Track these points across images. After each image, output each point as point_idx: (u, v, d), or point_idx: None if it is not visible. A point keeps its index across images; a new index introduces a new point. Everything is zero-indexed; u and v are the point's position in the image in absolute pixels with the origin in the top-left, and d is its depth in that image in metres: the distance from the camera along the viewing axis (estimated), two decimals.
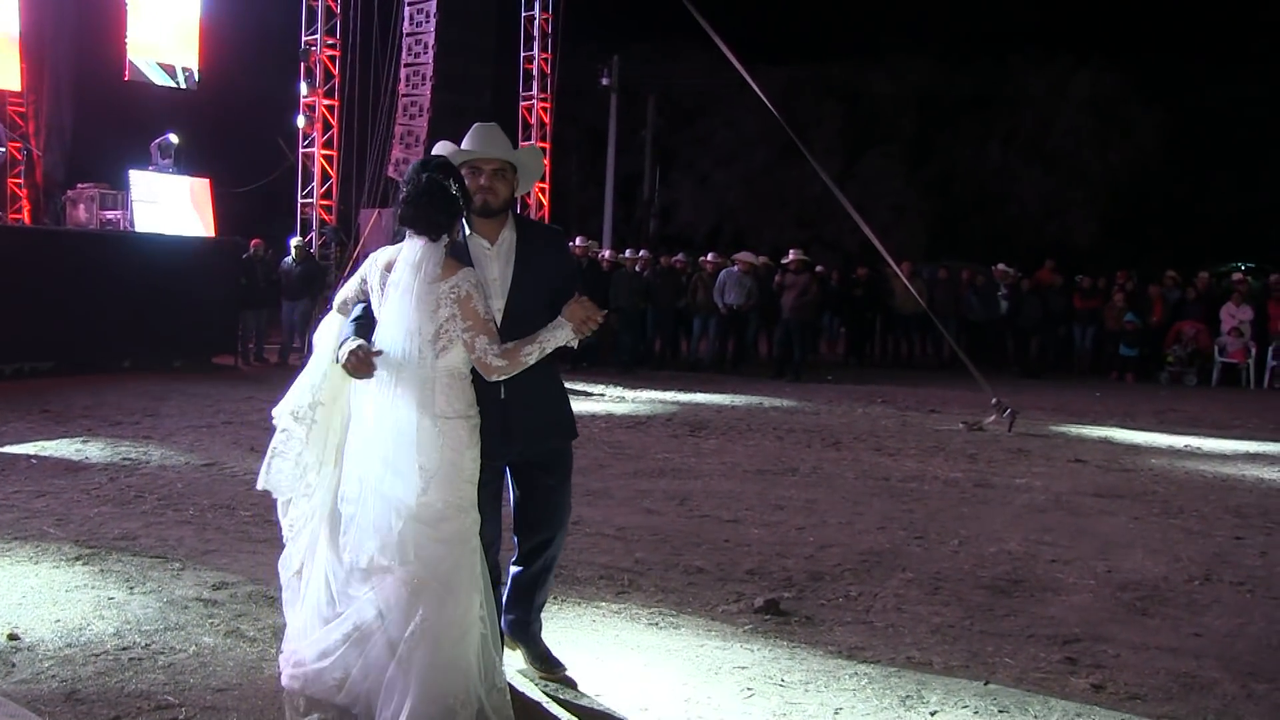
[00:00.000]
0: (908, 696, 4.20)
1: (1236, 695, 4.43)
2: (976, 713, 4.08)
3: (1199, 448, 11.08)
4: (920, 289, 16.81)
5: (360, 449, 3.65)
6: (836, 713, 4.02)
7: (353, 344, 3.62)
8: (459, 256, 3.77)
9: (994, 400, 12.06)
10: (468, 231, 3.91)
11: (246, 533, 6.35)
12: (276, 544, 6.04)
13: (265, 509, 6.84)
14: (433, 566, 3.54)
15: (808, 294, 17.04)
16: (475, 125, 4.06)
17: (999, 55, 30.97)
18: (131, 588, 5.18)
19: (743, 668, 4.41)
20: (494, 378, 3.69)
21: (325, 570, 3.70)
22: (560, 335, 3.70)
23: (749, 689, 4.20)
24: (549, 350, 3.72)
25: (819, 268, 19.81)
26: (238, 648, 4.45)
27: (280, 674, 3.74)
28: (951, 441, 10.94)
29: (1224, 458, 10.56)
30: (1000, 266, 19.67)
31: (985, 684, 4.38)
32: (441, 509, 3.56)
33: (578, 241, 18.85)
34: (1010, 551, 6.57)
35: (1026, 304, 19.22)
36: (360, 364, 3.58)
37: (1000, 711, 4.11)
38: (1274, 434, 12.18)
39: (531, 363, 3.70)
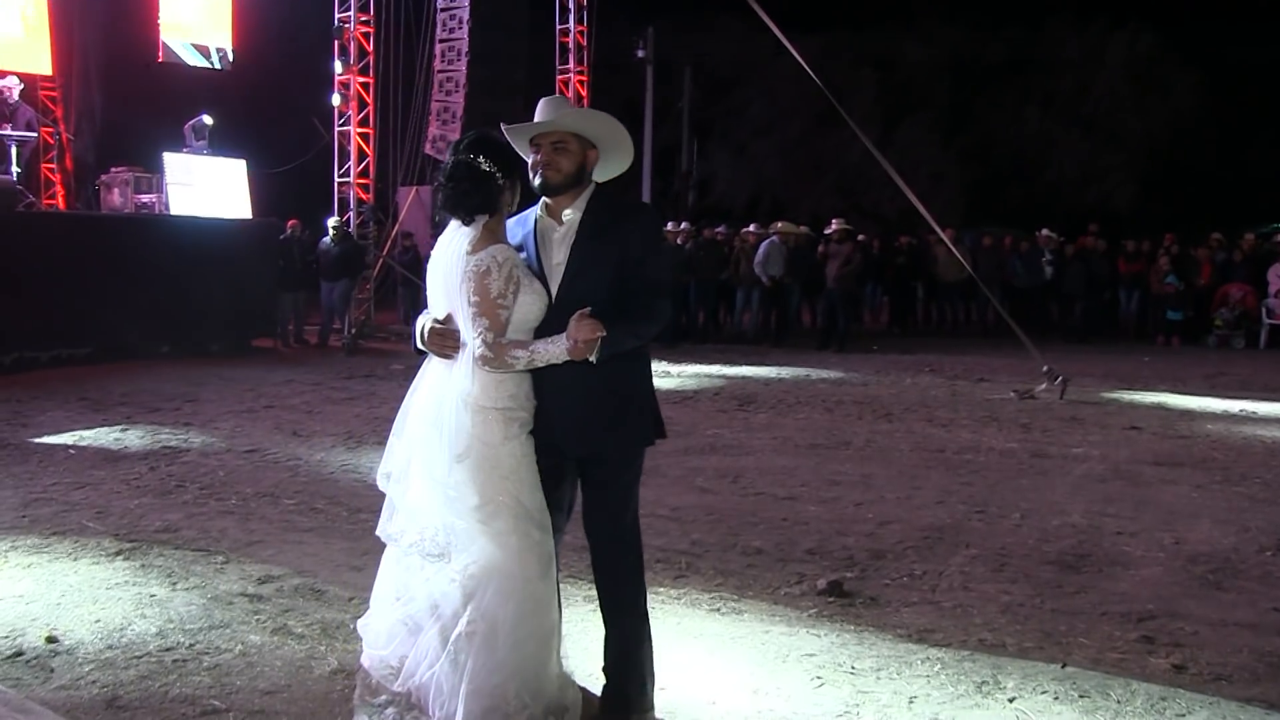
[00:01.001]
0: (984, 682, 4.04)
1: None
2: (1056, 698, 3.92)
3: (1254, 412, 10.83)
4: (964, 256, 16.53)
5: (409, 428, 3.56)
6: (911, 701, 3.87)
7: (423, 319, 3.55)
8: (526, 239, 3.59)
9: (1045, 368, 11.83)
10: (539, 212, 3.64)
11: (291, 522, 6.24)
12: (322, 533, 6.03)
13: (310, 497, 6.79)
14: (485, 564, 3.37)
15: (851, 263, 16.81)
16: (541, 99, 3.75)
17: (1034, 19, 30.38)
18: (174, 584, 5.05)
19: (810, 655, 4.26)
20: (483, 368, 3.43)
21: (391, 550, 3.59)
22: (554, 351, 3.36)
23: (819, 677, 4.05)
24: (540, 363, 3.39)
25: (860, 236, 19.54)
26: (285, 646, 4.30)
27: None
28: (1003, 410, 10.73)
29: (1279, 422, 10.31)
30: (1044, 232, 19.32)
31: (1063, 666, 4.21)
32: (478, 502, 3.39)
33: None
34: (1074, 524, 6.39)
35: (1071, 269, 18.89)
36: (437, 338, 3.46)
37: (1081, 696, 3.94)
38: None
39: (520, 368, 3.42)
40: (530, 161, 3.58)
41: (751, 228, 18.81)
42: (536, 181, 3.56)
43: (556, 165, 3.55)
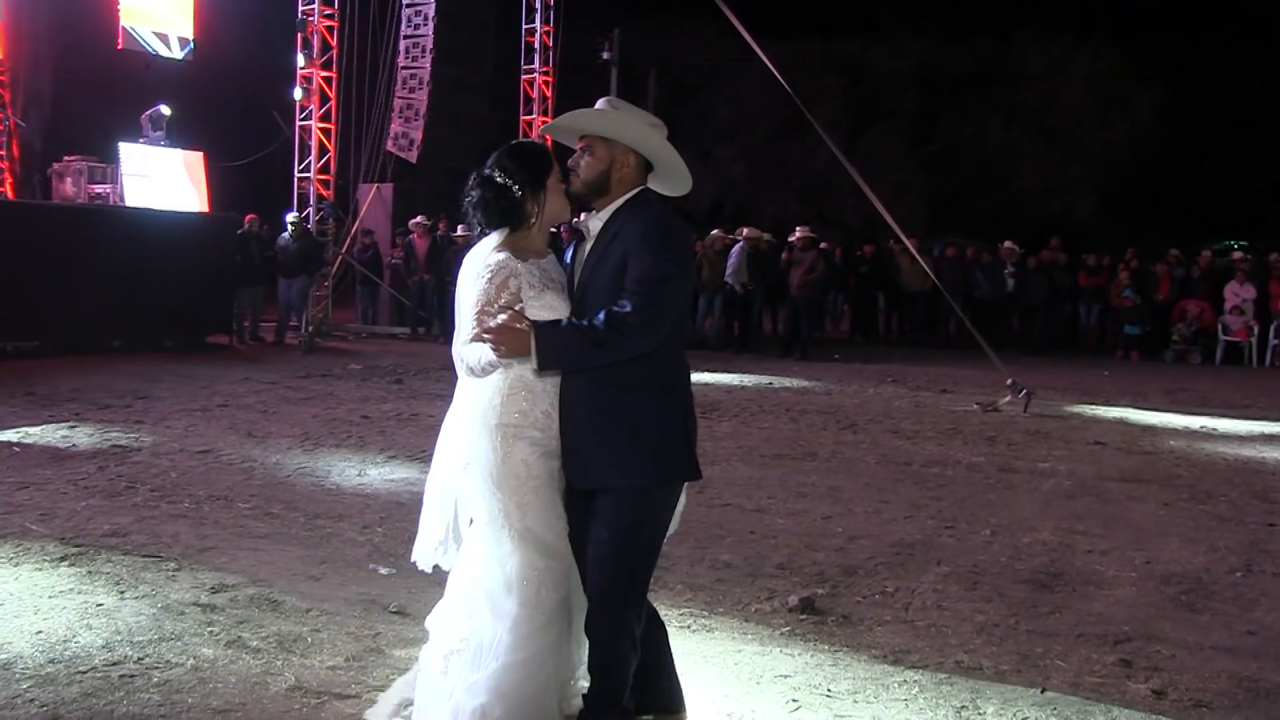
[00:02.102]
0: (963, 707, 3.93)
1: None
2: None
3: (1215, 429, 10.89)
4: (928, 266, 16.53)
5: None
6: None
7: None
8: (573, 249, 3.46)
9: (1009, 381, 11.82)
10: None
11: (246, 528, 6.02)
12: (278, 540, 5.82)
13: (265, 501, 6.58)
14: (484, 584, 3.28)
15: (814, 271, 16.78)
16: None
17: (1000, 32, 30.63)
18: (122, 592, 4.79)
19: (785, 676, 4.13)
20: (468, 375, 3.30)
21: None
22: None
23: (794, 700, 3.92)
24: (501, 366, 3.23)
25: (823, 244, 19.52)
26: (240, 660, 4.08)
27: None
28: (968, 423, 10.69)
29: (1241, 439, 10.38)
30: (1007, 244, 19.41)
31: (1042, 691, 4.11)
32: (483, 519, 3.31)
33: (582, 217, 18.49)
34: (1045, 542, 6.32)
35: (1033, 281, 19.00)
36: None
37: None
38: None
39: (480, 372, 3.24)
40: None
41: (716, 232, 18.72)
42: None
43: (577, 170, 3.38)
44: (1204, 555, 6.19)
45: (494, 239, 3.38)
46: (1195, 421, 11.26)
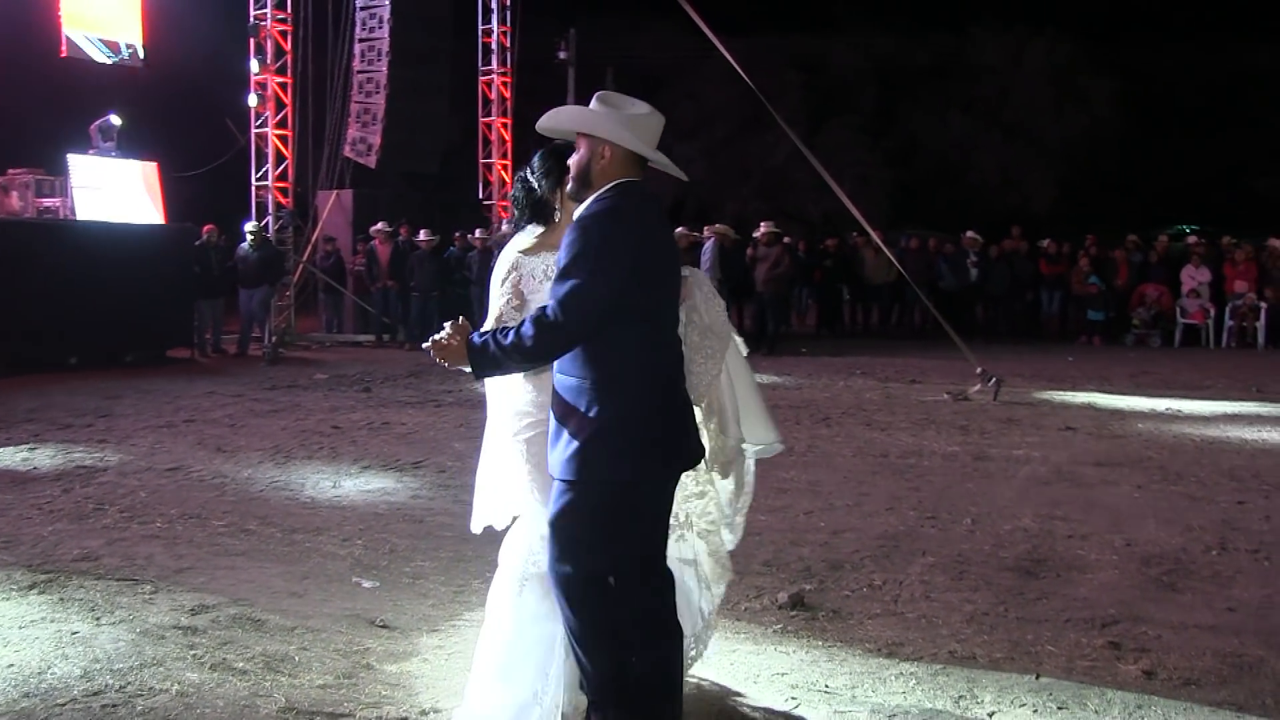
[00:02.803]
0: (961, 697, 3.93)
1: None
2: (1036, 711, 3.82)
3: (1180, 410, 11.00)
4: (893, 258, 16.59)
5: None
6: (891, 718, 3.75)
7: None
8: None
9: (979, 370, 11.88)
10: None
11: (222, 546, 5.90)
12: (255, 557, 5.72)
13: (240, 518, 6.47)
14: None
15: (780, 266, 16.81)
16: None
17: (957, 26, 30.88)
18: (98, 618, 4.64)
19: (782, 674, 4.11)
20: None
21: None
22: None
23: (794, 698, 3.90)
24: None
25: (786, 239, 19.55)
26: (227, 683, 3.97)
27: None
28: (939, 413, 10.74)
29: (1205, 419, 10.49)
30: (969, 234, 19.54)
31: (1036, 678, 4.12)
32: (508, 494, 3.64)
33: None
34: (1026, 529, 6.35)
35: (995, 271, 19.16)
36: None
37: (1059, 708, 3.85)
38: (1243, 393, 12.22)
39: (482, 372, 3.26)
40: None
41: (680, 230, 18.68)
42: None
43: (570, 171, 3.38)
44: (1180, 535, 6.24)
45: (525, 234, 3.62)
46: (1160, 404, 11.38)
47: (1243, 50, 30.64)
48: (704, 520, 3.72)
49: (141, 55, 16.80)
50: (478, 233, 17.85)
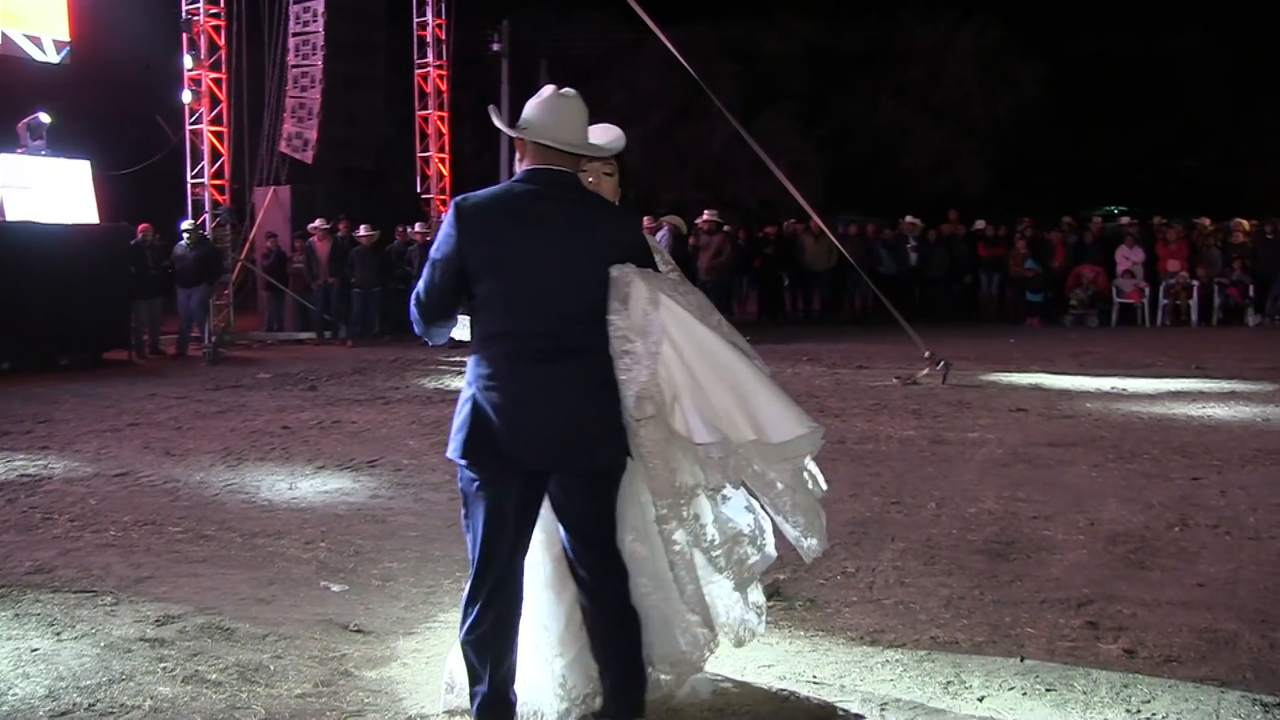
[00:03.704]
0: (949, 682, 3.93)
1: (1261, 648, 4.30)
2: (1025, 694, 3.83)
3: (1124, 389, 11.21)
4: (832, 245, 16.73)
5: None
6: (883, 708, 3.73)
7: None
8: None
9: (927, 353, 11.99)
10: None
11: (181, 552, 5.73)
12: (218, 563, 5.57)
13: (197, 523, 6.31)
14: None
15: (722, 255, 16.85)
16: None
17: (886, 11, 31.15)
18: (58, 633, 4.45)
19: (768, 665, 4.08)
20: None
21: None
22: None
23: (781, 690, 3.87)
24: None
25: (726, 227, 19.60)
26: (202, 696, 3.83)
27: None
28: (890, 397, 10.82)
29: (1150, 397, 10.69)
30: (909, 219, 19.75)
31: (1021, 660, 4.13)
32: None
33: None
34: (990, 511, 6.40)
35: (934, 255, 19.38)
36: None
37: (1048, 690, 3.86)
38: (1184, 370, 12.52)
39: None
40: None
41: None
42: None
43: None
44: (1141, 514, 6.33)
45: None
46: (1105, 383, 11.58)
47: (1163, 34, 31.32)
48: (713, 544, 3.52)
49: (68, 51, 16.27)
50: (418, 227, 17.65)
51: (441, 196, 21.12)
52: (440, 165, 20.99)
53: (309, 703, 3.81)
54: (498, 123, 3.43)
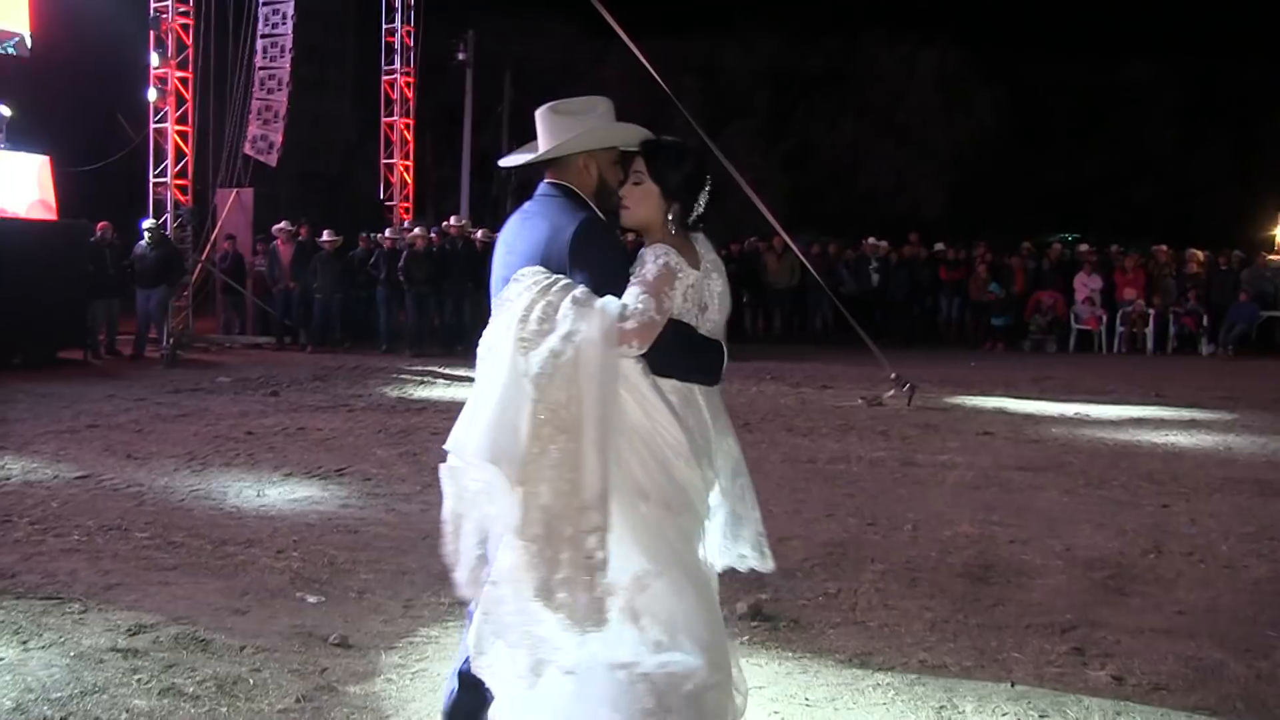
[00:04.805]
0: (941, 707, 3.91)
1: (1249, 678, 4.34)
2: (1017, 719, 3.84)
3: (1088, 414, 11.31)
4: (795, 263, 16.77)
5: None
6: None
7: None
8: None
9: (893, 375, 12.03)
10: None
11: (150, 559, 5.58)
12: (189, 571, 5.43)
13: (164, 529, 6.16)
14: None
15: None
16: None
17: (849, 32, 31.42)
18: (25, 642, 4.29)
19: (760, 687, 4.02)
20: None
21: None
22: None
23: (776, 712, 3.84)
24: None
25: None
26: (179, 710, 3.71)
27: None
28: (857, 418, 10.84)
29: (1114, 424, 10.80)
30: (870, 240, 19.86)
31: (1012, 685, 4.13)
32: None
33: (452, 221, 18.18)
34: (967, 534, 6.41)
35: (895, 276, 19.50)
36: None
37: (1041, 716, 3.86)
38: (1144, 398, 12.62)
39: None
40: None
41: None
42: None
43: None
44: (1116, 539, 6.37)
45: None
46: (1068, 408, 11.66)
47: (1117, 64, 31.92)
48: None
49: (29, 45, 15.93)
50: (388, 232, 17.49)
51: (405, 204, 20.96)
52: (405, 173, 20.81)
53: (292, 718, 3.71)
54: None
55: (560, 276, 2.93)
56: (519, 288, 2.93)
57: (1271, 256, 20.77)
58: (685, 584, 2.92)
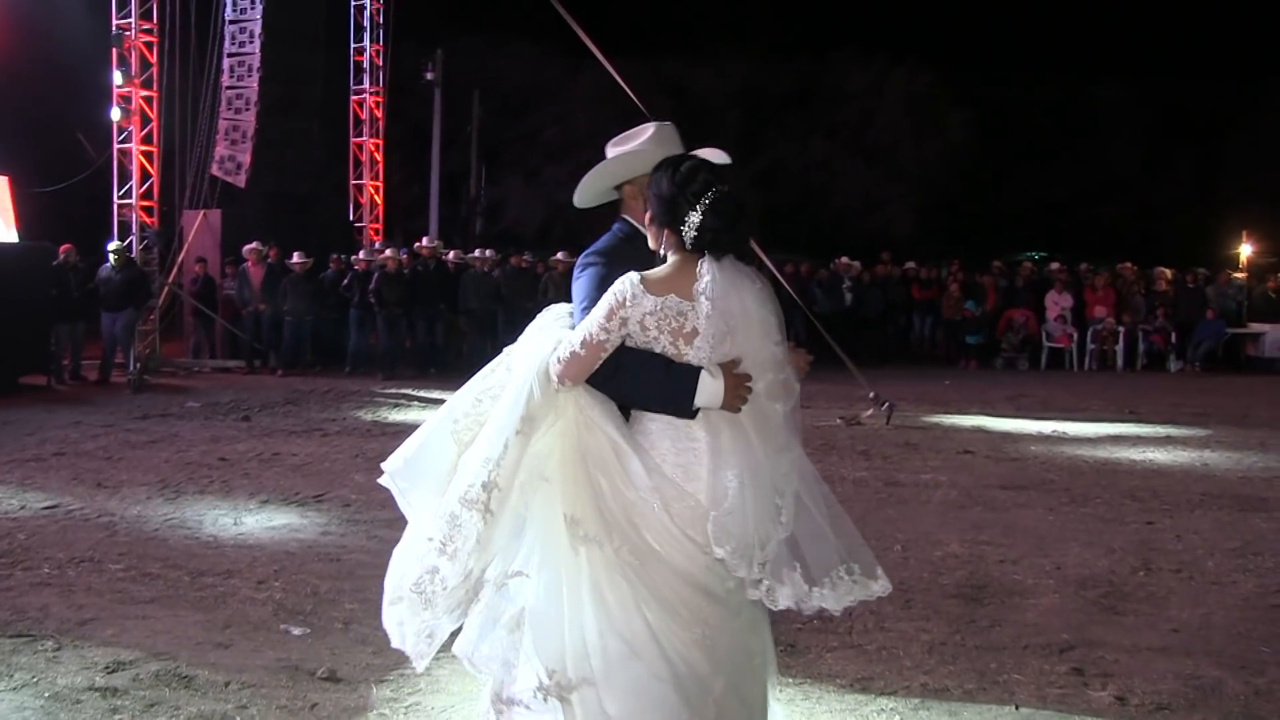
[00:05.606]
0: None
1: (1247, 695, 4.32)
2: None
3: (1065, 432, 11.32)
4: (775, 280, 16.72)
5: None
6: None
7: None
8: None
9: (871, 394, 12.01)
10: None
11: (126, 592, 5.41)
12: (166, 604, 5.26)
13: (139, 560, 5.99)
14: None
15: None
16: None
17: (819, 52, 31.54)
18: None
19: None
20: None
21: None
22: None
23: None
24: None
25: None
26: None
27: None
28: (837, 438, 10.80)
29: (1092, 441, 10.82)
30: (844, 259, 19.90)
31: (1016, 708, 4.08)
32: None
33: (424, 241, 18.05)
34: (956, 554, 6.36)
35: (868, 295, 19.54)
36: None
37: None
38: (1118, 415, 12.67)
39: None
40: None
41: (560, 255, 18.51)
42: None
43: None
44: (1105, 558, 6.35)
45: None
46: (1045, 426, 11.68)
47: (1085, 85, 32.27)
48: None
49: None
50: (362, 254, 17.32)
51: (375, 225, 20.80)
52: (374, 194, 20.66)
53: None
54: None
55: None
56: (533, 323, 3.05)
57: (1235, 275, 20.99)
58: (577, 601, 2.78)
